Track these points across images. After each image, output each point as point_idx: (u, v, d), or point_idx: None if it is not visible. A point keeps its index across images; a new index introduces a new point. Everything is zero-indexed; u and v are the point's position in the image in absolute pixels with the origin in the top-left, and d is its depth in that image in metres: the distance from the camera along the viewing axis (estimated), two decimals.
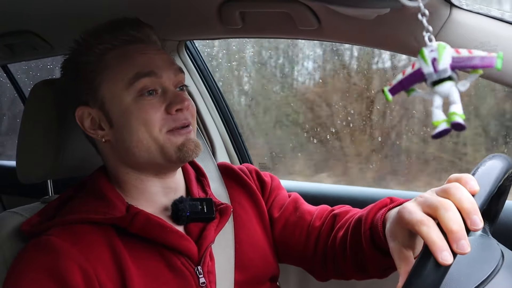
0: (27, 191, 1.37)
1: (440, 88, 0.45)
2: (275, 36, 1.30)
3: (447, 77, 0.45)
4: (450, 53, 0.45)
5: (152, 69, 0.84)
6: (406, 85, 0.47)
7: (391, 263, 0.78)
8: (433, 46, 0.45)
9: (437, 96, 0.46)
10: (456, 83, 0.45)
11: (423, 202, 0.58)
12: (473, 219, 0.54)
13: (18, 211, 0.91)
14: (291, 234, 0.97)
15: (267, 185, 1.03)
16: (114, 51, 0.85)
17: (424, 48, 0.46)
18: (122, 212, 0.83)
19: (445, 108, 0.45)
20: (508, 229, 1.08)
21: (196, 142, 0.85)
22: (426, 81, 0.46)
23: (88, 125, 0.87)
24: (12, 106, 2.96)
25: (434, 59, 0.45)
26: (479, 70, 0.45)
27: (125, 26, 0.86)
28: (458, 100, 0.45)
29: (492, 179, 0.59)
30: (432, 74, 0.45)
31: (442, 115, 0.45)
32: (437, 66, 0.45)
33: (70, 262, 0.75)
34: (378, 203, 0.80)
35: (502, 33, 0.83)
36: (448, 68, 0.45)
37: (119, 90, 0.83)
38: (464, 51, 0.45)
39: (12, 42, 1.39)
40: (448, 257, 0.52)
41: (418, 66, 0.46)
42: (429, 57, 0.45)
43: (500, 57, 0.44)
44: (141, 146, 0.83)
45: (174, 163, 0.86)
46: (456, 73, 0.46)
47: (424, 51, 0.46)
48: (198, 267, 0.84)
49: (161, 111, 0.83)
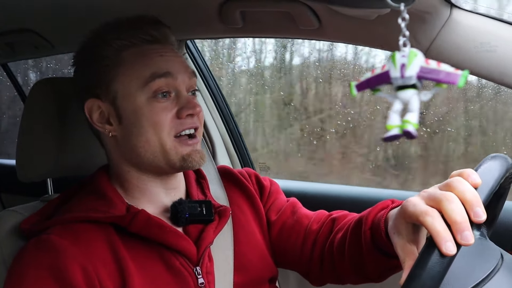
0: (26, 189, 1.37)
1: (402, 94, 0.47)
2: (276, 36, 1.30)
3: (411, 84, 0.46)
4: (420, 62, 0.46)
5: (168, 71, 0.84)
6: (372, 84, 0.49)
7: (390, 265, 0.78)
8: (405, 52, 0.46)
9: (398, 100, 0.47)
10: (419, 92, 0.47)
11: (427, 196, 0.59)
12: (476, 211, 0.54)
13: (17, 209, 0.91)
14: (288, 237, 0.97)
15: (266, 189, 1.03)
16: (132, 49, 0.85)
17: (397, 52, 0.47)
18: (122, 211, 0.83)
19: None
20: (506, 231, 1.08)
21: (202, 154, 0.86)
22: (391, 84, 0.47)
23: (97, 118, 0.87)
24: (12, 105, 2.96)
25: (403, 65, 0.46)
26: (442, 85, 0.46)
27: (145, 25, 0.86)
28: (416, 109, 0.46)
29: (495, 175, 0.59)
30: (398, 78, 0.46)
31: (398, 120, 0.46)
32: (405, 72, 0.46)
33: (70, 261, 0.75)
34: (379, 205, 0.80)
35: (502, 34, 0.83)
36: (414, 76, 0.46)
37: (133, 89, 0.83)
38: (434, 63, 0.46)
39: (12, 41, 1.39)
40: (452, 247, 0.52)
41: (388, 69, 0.47)
42: (399, 62, 0.46)
43: (464, 76, 0.45)
44: (148, 147, 0.83)
45: (177, 170, 0.87)
46: (421, 83, 0.47)
47: (396, 55, 0.47)
48: (196, 268, 0.84)
49: (172, 114, 0.83)
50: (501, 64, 0.83)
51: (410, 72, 0.46)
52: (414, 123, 0.45)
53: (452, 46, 0.86)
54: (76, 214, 0.82)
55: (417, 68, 0.46)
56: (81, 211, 0.83)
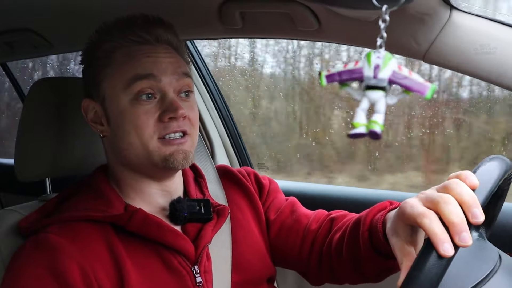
0: (25, 189, 1.36)
1: (371, 94, 0.48)
2: (275, 37, 1.30)
3: (382, 86, 0.47)
4: (393, 67, 0.47)
5: (152, 72, 0.83)
6: (343, 77, 0.50)
7: (388, 266, 0.78)
8: (381, 54, 0.47)
9: (366, 99, 0.48)
10: (386, 95, 0.47)
11: (424, 198, 0.59)
12: (473, 212, 0.54)
13: (16, 209, 0.91)
14: (287, 236, 0.97)
15: (265, 188, 1.03)
16: (122, 50, 0.85)
17: (372, 52, 0.48)
18: (120, 211, 0.84)
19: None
20: (504, 232, 1.08)
21: (186, 154, 0.84)
22: (361, 82, 0.48)
23: (91, 118, 0.88)
24: (11, 104, 2.96)
25: (377, 66, 0.47)
26: (409, 92, 0.48)
27: (135, 26, 0.86)
28: (383, 110, 0.47)
29: (493, 177, 0.59)
30: (370, 78, 0.47)
31: (364, 119, 0.47)
32: (378, 73, 0.47)
33: (68, 259, 0.75)
34: (377, 206, 0.80)
35: (501, 36, 0.83)
36: (387, 79, 0.47)
37: (118, 90, 0.83)
38: (406, 70, 0.47)
39: (11, 40, 1.39)
40: (450, 249, 0.52)
41: (361, 66, 0.48)
42: (374, 62, 0.47)
43: (432, 90, 0.46)
44: (131, 149, 0.83)
45: (161, 170, 0.86)
46: (391, 86, 0.48)
47: (372, 54, 0.47)
48: (194, 266, 0.84)
49: (155, 118, 0.82)
50: (499, 66, 0.83)
51: (384, 75, 0.47)
52: (381, 124, 0.46)
53: (451, 48, 0.86)
54: (74, 213, 0.82)
55: (391, 72, 0.47)
56: (79, 210, 0.83)
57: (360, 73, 0.48)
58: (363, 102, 0.48)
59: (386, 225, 0.71)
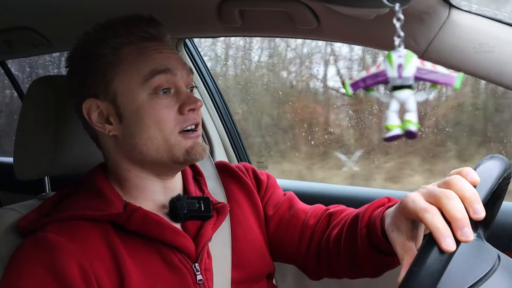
0: (24, 187, 1.36)
1: (399, 94, 0.47)
2: (274, 35, 1.30)
3: (408, 85, 0.47)
4: (416, 63, 0.47)
5: (168, 67, 0.84)
6: (367, 83, 0.49)
7: (386, 262, 0.78)
8: (402, 53, 0.47)
9: (395, 100, 0.47)
10: (415, 93, 0.47)
11: (426, 192, 0.59)
12: (475, 208, 0.54)
13: (14, 207, 0.91)
14: (285, 231, 0.97)
15: (263, 183, 1.03)
16: (130, 47, 0.85)
17: (393, 52, 0.47)
18: (119, 209, 0.83)
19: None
20: (503, 232, 1.09)
21: (204, 146, 0.86)
22: (386, 84, 0.48)
23: (95, 118, 0.86)
24: (10, 103, 2.96)
25: (400, 65, 0.46)
26: (437, 86, 0.47)
27: (141, 23, 0.86)
28: (414, 108, 0.47)
29: (493, 175, 0.59)
30: (395, 78, 0.47)
31: (397, 120, 0.47)
32: (402, 72, 0.46)
33: (67, 258, 0.75)
34: (376, 202, 0.80)
35: (500, 35, 0.83)
36: (412, 77, 0.46)
37: (134, 86, 0.83)
38: (429, 65, 0.47)
39: (10, 38, 1.39)
40: (452, 244, 0.52)
41: (383, 68, 0.47)
42: (396, 62, 0.47)
43: (460, 78, 0.46)
44: (150, 144, 0.83)
45: (180, 164, 0.87)
46: (417, 83, 0.47)
47: (392, 55, 0.47)
48: (195, 264, 0.84)
49: (175, 111, 0.84)
50: (498, 64, 0.83)
51: (408, 73, 0.46)
52: (415, 122, 0.46)
53: (450, 46, 0.86)
54: (73, 212, 0.82)
55: (414, 69, 0.46)
56: (78, 209, 0.83)
57: (384, 76, 0.47)
58: (392, 104, 0.47)
59: (384, 222, 0.71)
